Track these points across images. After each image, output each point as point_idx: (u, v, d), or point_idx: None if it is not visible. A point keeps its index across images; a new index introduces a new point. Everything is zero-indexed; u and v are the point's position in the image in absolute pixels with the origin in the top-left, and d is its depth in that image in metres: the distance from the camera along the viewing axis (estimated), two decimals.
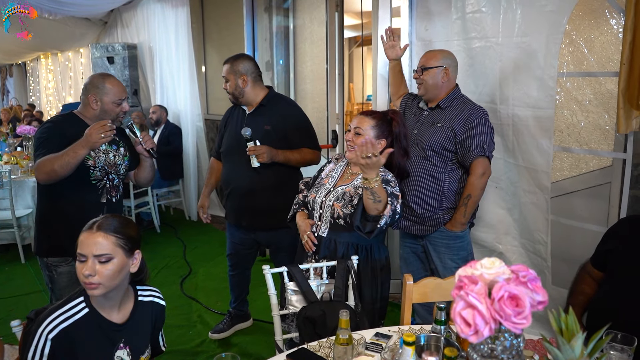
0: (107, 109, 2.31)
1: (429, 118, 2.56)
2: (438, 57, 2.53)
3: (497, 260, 1.02)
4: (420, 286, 1.86)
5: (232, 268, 3.15)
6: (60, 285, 2.33)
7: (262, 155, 2.62)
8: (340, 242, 2.19)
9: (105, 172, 2.35)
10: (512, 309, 0.92)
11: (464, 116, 2.45)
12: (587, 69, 2.66)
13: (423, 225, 2.57)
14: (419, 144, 2.53)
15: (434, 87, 2.52)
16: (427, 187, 2.51)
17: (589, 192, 2.73)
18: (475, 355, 1.01)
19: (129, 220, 1.65)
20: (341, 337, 1.45)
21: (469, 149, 2.43)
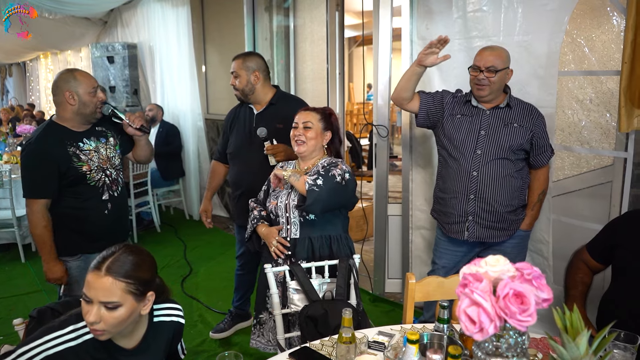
0: (85, 101, 2.26)
1: (497, 118, 2.45)
2: (504, 57, 2.38)
3: (501, 258, 1.02)
4: (423, 285, 1.86)
5: (240, 268, 3.15)
6: (71, 280, 2.38)
7: (280, 153, 2.61)
8: (314, 237, 2.24)
9: (102, 169, 2.34)
10: (517, 306, 0.92)
11: (535, 116, 2.42)
12: (588, 68, 2.66)
13: (505, 231, 2.49)
14: (495, 145, 2.41)
15: (498, 90, 2.43)
16: (511, 188, 2.43)
17: (590, 191, 2.73)
18: (480, 352, 1.01)
19: (144, 258, 1.44)
20: (344, 335, 1.45)
21: (545, 148, 2.44)
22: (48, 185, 2.21)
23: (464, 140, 2.48)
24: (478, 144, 2.44)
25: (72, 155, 2.24)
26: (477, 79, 2.41)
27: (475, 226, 2.47)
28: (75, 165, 2.24)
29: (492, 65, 2.36)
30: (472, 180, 2.45)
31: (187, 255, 4.70)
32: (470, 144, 2.46)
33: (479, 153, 2.44)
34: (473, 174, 2.45)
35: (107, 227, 2.39)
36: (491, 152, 2.42)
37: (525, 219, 2.52)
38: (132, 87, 6.44)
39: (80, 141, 2.29)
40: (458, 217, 2.51)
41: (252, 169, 2.75)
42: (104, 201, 2.35)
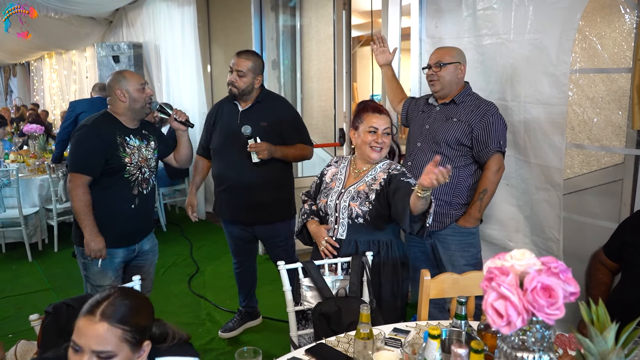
0: (135, 97, 2.40)
1: (442, 113, 2.57)
2: (453, 53, 2.55)
3: (527, 252, 1.01)
4: (437, 282, 1.85)
5: (237, 265, 3.15)
6: (93, 271, 2.46)
7: (263, 152, 2.65)
8: (361, 242, 2.17)
9: (139, 167, 2.45)
10: (545, 299, 0.92)
11: (480, 112, 2.47)
12: (599, 66, 2.65)
13: (434, 222, 2.54)
14: (432, 139, 2.53)
15: (450, 83, 2.54)
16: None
17: (601, 189, 2.72)
18: (506, 347, 1.01)
19: (141, 302, 1.32)
20: (362, 331, 1.44)
21: (486, 144, 2.44)
22: (93, 163, 2.34)
23: (413, 133, 2.68)
24: (420, 137, 2.60)
25: (119, 145, 2.38)
26: (428, 76, 2.60)
27: None
28: (120, 154, 2.37)
29: (438, 61, 2.54)
30: (407, 169, 2.49)
31: (194, 254, 4.70)
32: (415, 137, 2.63)
33: (418, 145, 2.60)
34: (408, 164, 2.61)
35: (132, 222, 2.49)
36: (428, 145, 2.54)
37: (464, 215, 2.52)
38: None
39: (128, 136, 2.43)
40: None
41: (237, 164, 2.77)
42: (132, 195, 2.45)
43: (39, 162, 4.98)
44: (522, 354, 0.98)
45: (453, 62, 2.52)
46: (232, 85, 2.76)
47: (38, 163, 4.98)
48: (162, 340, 1.37)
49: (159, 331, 1.37)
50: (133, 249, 2.55)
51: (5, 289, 4.00)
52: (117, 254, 2.47)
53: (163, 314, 3.42)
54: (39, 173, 4.88)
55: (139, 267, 2.62)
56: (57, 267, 4.43)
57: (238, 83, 2.73)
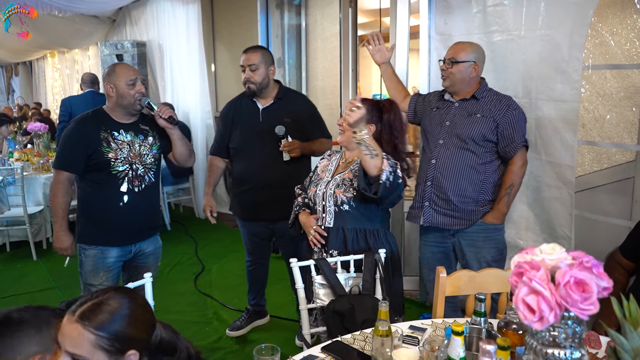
0: (122, 93, 2.32)
1: (462, 109, 2.51)
2: (468, 50, 2.47)
3: (557, 246, 0.99)
4: (453, 279, 1.83)
5: (251, 263, 3.13)
6: (86, 268, 2.42)
7: (296, 150, 2.64)
8: (348, 229, 2.20)
9: (129, 162, 2.36)
10: (579, 294, 0.90)
11: (503, 106, 2.42)
12: (613, 62, 2.63)
13: (461, 220, 2.50)
14: (455, 135, 2.47)
15: (460, 81, 2.49)
16: (468, 178, 2.45)
17: (613, 186, 2.71)
18: (535, 343, 0.99)
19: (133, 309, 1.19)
20: (380, 328, 1.42)
21: (512, 139, 2.41)
22: (73, 160, 2.31)
23: (432, 131, 2.58)
24: (441, 134, 2.52)
25: (102, 140, 2.31)
26: (441, 70, 2.55)
27: (430, 211, 2.55)
28: (103, 150, 2.30)
29: (452, 57, 2.48)
30: (430, 167, 2.53)
31: (199, 253, 4.68)
32: (436, 135, 2.56)
33: (440, 142, 2.52)
34: (432, 162, 2.53)
35: (122, 220, 2.39)
36: (452, 142, 2.48)
37: (490, 211, 2.49)
38: None
39: (117, 130, 2.36)
40: (416, 202, 2.61)
41: (261, 163, 2.75)
42: (120, 192, 2.35)
43: (43, 161, 4.96)
44: (552, 350, 0.96)
45: (466, 61, 2.46)
46: (249, 82, 2.73)
47: (42, 161, 4.95)
48: (169, 353, 1.28)
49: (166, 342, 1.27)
50: (129, 249, 2.46)
51: (10, 287, 3.98)
52: (109, 252, 2.40)
53: (169, 312, 3.42)
54: (43, 171, 4.86)
55: (138, 269, 2.51)
56: (61, 266, 4.35)
57: (254, 78, 2.71)
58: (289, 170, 2.73)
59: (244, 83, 2.76)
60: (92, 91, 4.73)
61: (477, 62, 2.48)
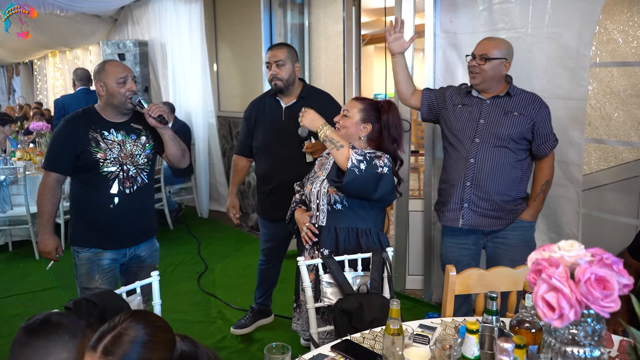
0: (112, 92, 2.24)
1: (497, 107, 2.43)
2: (501, 47, 2.39)
3: (575, 243, 0.98)
4: (463, 277, 1.82)
5: (264, 262, 3.10)
6: (80, 272, 2.36)
7: (318, 151, 2.59)
8: (340, 229, 2.19)
9: (119, 163, 2.28)
10: (600, 291, 0.88)
11: (536, 104, 2.39)
12: (622, 59, 2.61)
13: (501, 220, 2.45)
14: (493, 134, 2.40)
15: (491, 79, 2.41)
16: (509, 177, 2.41)
17: (620, 185, 2.70)
18: (554, 341, 0.97)
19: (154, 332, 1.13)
20: (392, 327, 1.41)
21: (547, 138, 2.40)
22: (60, 161, 2.26)
23: (464, 129, 2.49)
24: (477, 133, 2.44)
25: (91, 140, 2.23)
26: (470, 66, 2.45)
27: (470, 213, 2.46)
28: (91, 150, 2.23)
29: (484, 53, 2.38)
30: (469, 167, 2.45)
31: (202, 252, 4.67)
32: (469, 133, 2.47)
33: (477, 141, 2.44)
34: (470, 161, 2.45)
35: (114, 223, 2.31)
36: (490, 140, 2.41)
37: (527, 209, 2.47)
38: (143, 85, 6.41)
39: (107, 130, 2.28)
40: (454, 204, 2.50)
41: (284, 162, 2.72)
42: (110, 195, 2.28)
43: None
44: (572, 348, 0.95)
45: (499, 58, 2.37)
46: (275, 79, 2.69)
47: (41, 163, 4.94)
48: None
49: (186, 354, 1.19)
50: (123, 252, 2.38)
51: (13, 287, 3.96)
52: (103, 255, 2.33)
53: (172, 312, 3.40)
54: None
55: (135, 273, 2.43)
56: (64, 265, 4.32)
57: (280, 74, 2.67)
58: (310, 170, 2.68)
59: (270, 80, 2.71)
60: (84, 89, 4.61)
61: (508, 59, 2.41)
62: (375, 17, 6.84)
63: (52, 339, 1.17)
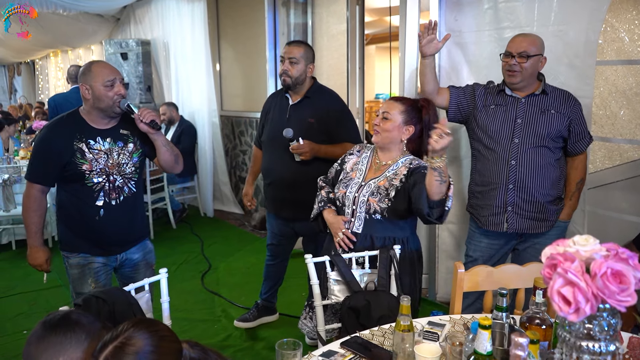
0: (99, 95, 2.08)
1: (534, 105, 2.39)
2: (538, 43, 2.34)
3: (590, 237, 0.98)
4: (471, 274, 1.82)
5: (271, 258, 3.11)
6: (73, 276, 2.29)
7: (306, 153, 2.59)
8: (377, 237, 2.13)
9: (105, 173, 2.16)
10: (616, 285, 0.88)
11: (571, 102, 2.37)
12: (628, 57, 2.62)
13: (545, 222, 2.43)
14: (532, 133, 2.36)
15: (531, 76, 2.36)
16: (551, 177, 2.39)
17: (627, 183, 2.69)
18: (569, 336, 0.97)
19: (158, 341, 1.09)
20: (402, 323, 1.41)
21: (583, 135, 2.38)
22: (45, 172, 2.15)
23: (500, 129, 2.42)
24: (515, 133, 2.38)
25: (76, 151, 2.10)
26: (509, 65, 2.36)
27: (515, 217, 2.41)
28: (77, 161, 2.10)
29: (524, 51, 2.31)
30: (510, 169, 2.39)
31: (205, 251, 4.67)
32: (507, 133, 2.40)
33: (516, 142, 2.37)
34: (511, 163, 2.38)
35: (100, 234, 2.22)
36: (529, 140, 2.36)
37: (564, 209, 2.45)
38: (145, 84, 6.41)
39: (93, 139, 2.14)
40: (497, 208, 2.44)
41: (282, 160, 2.73)
42: (96, 207, 2.16)
43: None
44: (587, 342, 0.95)
45: (537, 55, 2.32)
46: (285, 75, 2.68)
47: None
48: None
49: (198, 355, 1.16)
50: (114, 258, 2.30)
51: (16, 285, 3.97)
52: (93, 259, 2.24)
53: (176, 311, 3.39)
54: None
55: (131, 277, 2.33)
56: None
57: (291, 71, 2.67)
58: (307, 171, 2.67)
59: (280, 75, 2.72)
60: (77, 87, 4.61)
61: (543, 55, 2.37)
62: (377, 17, 6.83)
63: (68, 335, 1.16)
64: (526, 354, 1.01)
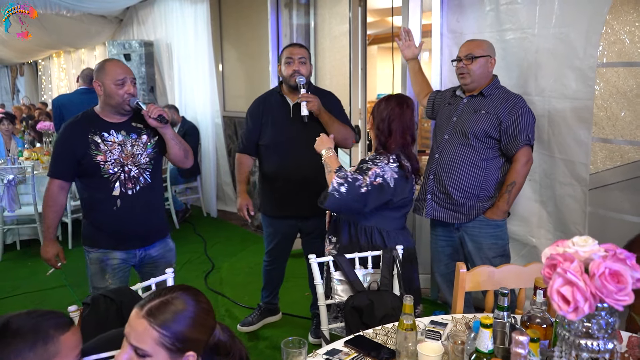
0: (110, 92, 2.20)
1: (469, 105, 2.59)
2: (484, 46, 2.55)
3: (589, 238, 1.00)
4: (473, 274, 1.84)
5: (270, 262, 3.11)
6: (92, 271, 2.37)
7: (313, 102, 2.64)
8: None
9: (120, 164, 2.25)
10: (614, 285, 0.91)
11: (509, 105, 2.48)
12: (629, 59, 2.63)
13: (462, 214, 2.57)
14: (460, 131, 2.55)
15: (480, 77, 2.55)
16: (469, 174, 2.53)
17: (628, 183, 2.71)
18: (568, 334, 1.00)
19: (196, 311, 1.21)
20: (405, 322, 1.43)
21: (515, 137, 2.46)
22: (63, 167, 2.26)
23: (440, 125, 2.69)
24: (447, 129, 2.61)
25: (90, 143, 2.21)
26: (458, 68, 2.60)
27: (432, 204, 2.64)
28: (91, 153, 2.20)
29: (469, 53, 2.54)
30: (433, 161, 2.65)
31: (208, 252, 4.70)
32: (443, 130, 2.65)
33: (445, 137, 2.61)
34: (435, 156, 2.63)
35: (118, 225, 2.29)
36: (456, 137, 2.56)
37: (492, 207, 2.54)
38: (148, 85, 6.45)
39: (107, 131, 2.25)
40: (420, 194, 2.71)
41: (294, 159, 2.75)
42: (113, 197, 2.25)
43: None
44: (585, 341, 0.97)
45: (484, 56, 2.53)
46: (297, 74, 2.71)
47: None
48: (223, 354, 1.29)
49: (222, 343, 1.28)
50: (133, 253, 2.37)
51: (21, 285, 4.00)
52: (112, 255, 2.33)
53: None
54: None
55: (151, 274, 2.29)
56: (72, 264, 4.38)
57: (302, 70, 2.73)
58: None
59: (290, 75, 2.72)
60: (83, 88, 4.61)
61: (492, 56, 2.55)
62: (378, 17, 6.85)
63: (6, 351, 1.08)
64: (527, 351, 1.03)
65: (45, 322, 1.14)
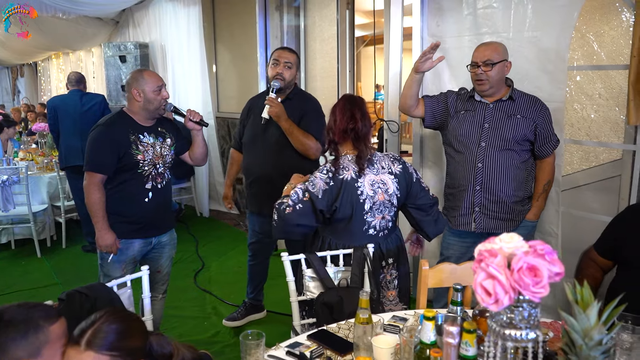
0: (149, 98, 2.46)
1: (500, 110, 2.52)
2: (500, 50, 2.47)
3: (515, 235, 1.07)
4: (435, 271, 1.91)
5: (252, 257, 3.22)
6: (107, 261, 2.53)
7: (274, 108, 2.69)
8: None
9: (153, 163, 2.52)
10: (531, 278, 0.98)
11: (538, 106, 2.49)
12: (597, 63, 2.70)
13: (511, 221, 2.55)
14: (498, 137, 2.48)
15: (498, 82, 2.49)
16: (515, 178, 2.50)
17: (600, 184, 2.78)
18: (495, 325, 1.06)
19: (130, 324, 1.27)
20: (361, 316, 1.50)
21: (549, 138, 2.49)
22: (105, 163, 2.43)
23: (468, 133, 2.56)
24: (482, 137, 2.52)
25: (132, 143, 2.44)
26: (476, 75, 2.50)
27: (482, 217, 2.54)
28: (133, 152, 2.44)
29: (488, 59, 2.45)
30: (477, 171, 2.52)
31: (199, 251, 4.77)
32: (474, 137, 2.54)
33: (483, 145, 2.51)
34: (478, 166, 2.52)
35: (147, 215, 2.54)
36: (495, 143, 2.49)
37: (532, 209, 2.57)
38: None
39: (142, 134, 2.49)
40: (465, 209, 2.58)
41: (262, 157, 2.87)
42: (145, 189, 2.52)
43: (48, 160, 5.07)
44: (510, 331, 1.04)
45: (502, 61, 2.46)
46: (278, 76, 2.79)
47: (47, 161, 5.06)
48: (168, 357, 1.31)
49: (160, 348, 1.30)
50: (150, 241, 2.61)
51: (15, 283, 4.08)
52: (132, 245, 2.54)
53: (168, 308, 3.49)
54: (48, 171, 4.97)
55: (156, 259, 2.68)
56: (65, 263, 4.52)
57: (285, 74, 2.80)
58: (290, 167, 2.71)
59: (273, 76, 2.80)
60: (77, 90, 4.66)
61: (507, 60, 2.49)
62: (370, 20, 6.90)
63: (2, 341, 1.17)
64: (457, 341, 1.10)
65: (36, 313, 1.23)
